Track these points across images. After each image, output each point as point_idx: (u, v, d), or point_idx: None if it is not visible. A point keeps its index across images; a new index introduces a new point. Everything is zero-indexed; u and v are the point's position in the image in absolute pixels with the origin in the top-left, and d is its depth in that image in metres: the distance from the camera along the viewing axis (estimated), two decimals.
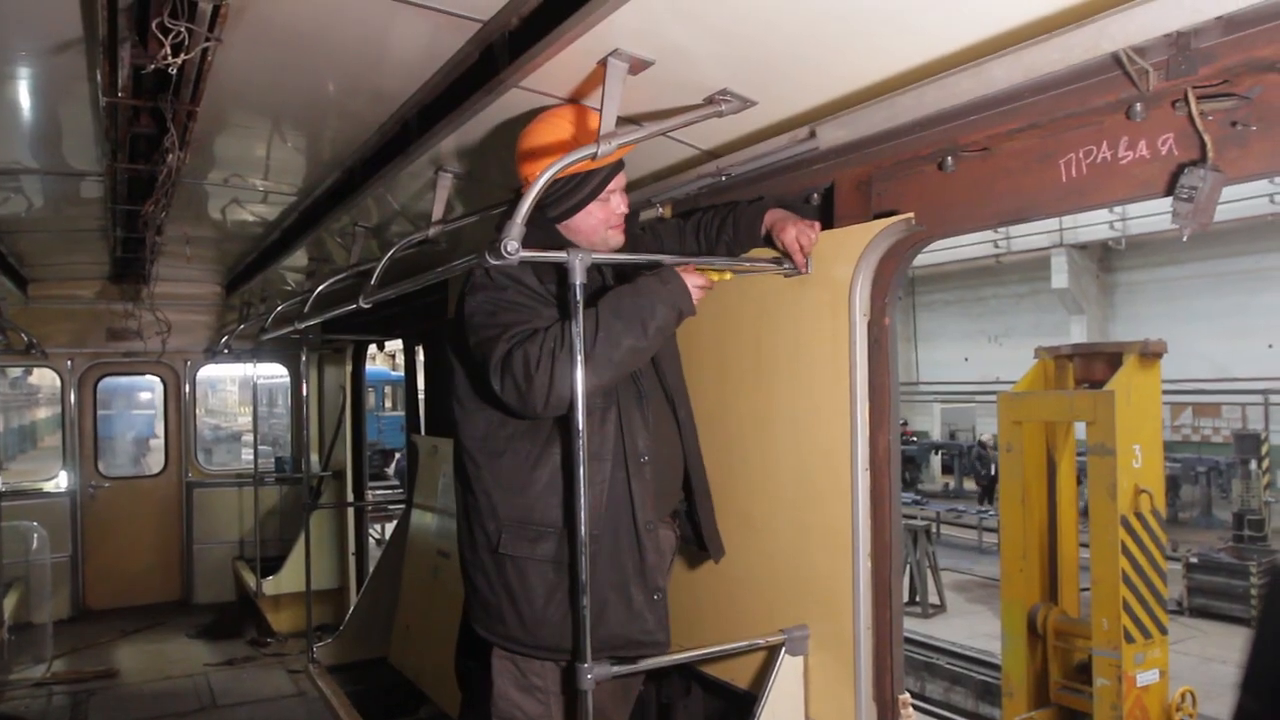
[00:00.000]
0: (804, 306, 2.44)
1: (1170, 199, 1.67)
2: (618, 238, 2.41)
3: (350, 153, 3.25)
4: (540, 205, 2.29)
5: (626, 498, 2.32)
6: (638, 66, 2.01)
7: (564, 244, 2.31)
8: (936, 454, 21.16)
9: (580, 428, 2.00)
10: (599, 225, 2.37)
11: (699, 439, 2.63)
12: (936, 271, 20.85)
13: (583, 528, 2.02)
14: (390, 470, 20.21)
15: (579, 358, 1.99)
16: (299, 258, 5.00)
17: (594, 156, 1.95)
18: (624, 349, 2.13)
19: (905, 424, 20.84)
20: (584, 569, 2.03)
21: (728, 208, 2.58)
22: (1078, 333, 18.31)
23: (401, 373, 19.86)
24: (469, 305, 2.25)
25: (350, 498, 7.49)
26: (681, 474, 2.57)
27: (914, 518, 13.45)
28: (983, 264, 20.24)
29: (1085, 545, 5.67)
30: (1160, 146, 1.72)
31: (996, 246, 19.21)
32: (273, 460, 9.16)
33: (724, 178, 2.60)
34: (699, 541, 2.63)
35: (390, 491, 16.67)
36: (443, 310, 4.88)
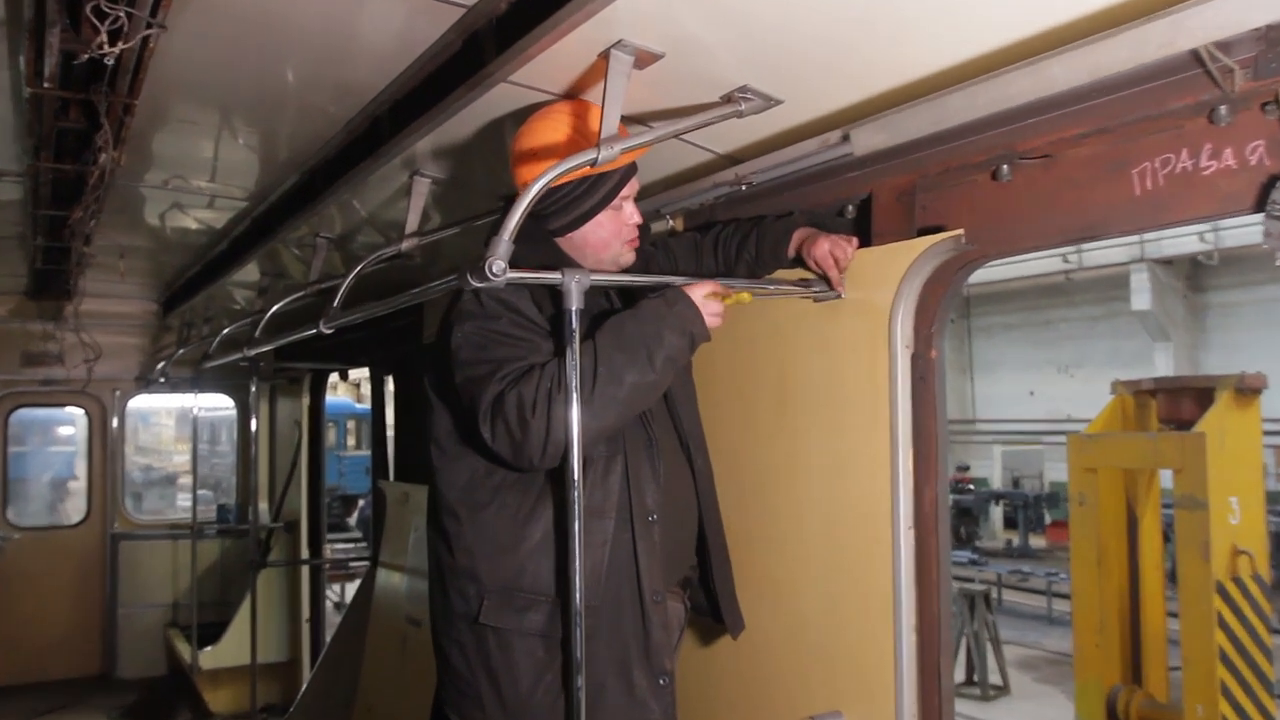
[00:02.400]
0: (837, 336, 2.46)
1: (1261, 215, 1.69)
2: (629, 255, 2.44)
3: (311, 153, 3.30)
4: (537, 216, 2.32)
5: (630, 563, 2.32)
6: (645, 59, 2.04)
7: (564, 262, 2.34)
8: (997, 505, 21.05)
9: (577, 479, 2.00)
10: (611, 239, 2.39)
11: (716, 491, 2.64)
12: (995, 290, 20.87)
13: (578, 596, 2.02)
14: (352, 521, 20.12)
15: (575, 398, 2.00)
16: (250, 272, 5.03)
17: (593, 162, 1.98)
18: (628, 386, 2.14)
19: (966, 469, 20.75)
20: (579, 645, 2.03)
21: (751, 223, 2.61)
22: (1162, 363, 18.27)
23: (368, 405, 19.91)
24: (456, 336, 2.26)
25: (305, 554, 7.49)
26: (695, 534, 2.58)
27: (970, 581, 13.34)
28: (1050, 281, 20.26)
29: (1174, 616, 5.64)
30: (1249, 155, 1.74)
31: (1066, 261, 19.24)
32: (214, 508, 9.17)
33: (744, 186, 2.63)
34: (714, 614, 2.63)
35: (352, 546, 16.62)
36: (417, 335, 4.91)
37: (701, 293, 2.24)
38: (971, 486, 20.65)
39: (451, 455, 2.40)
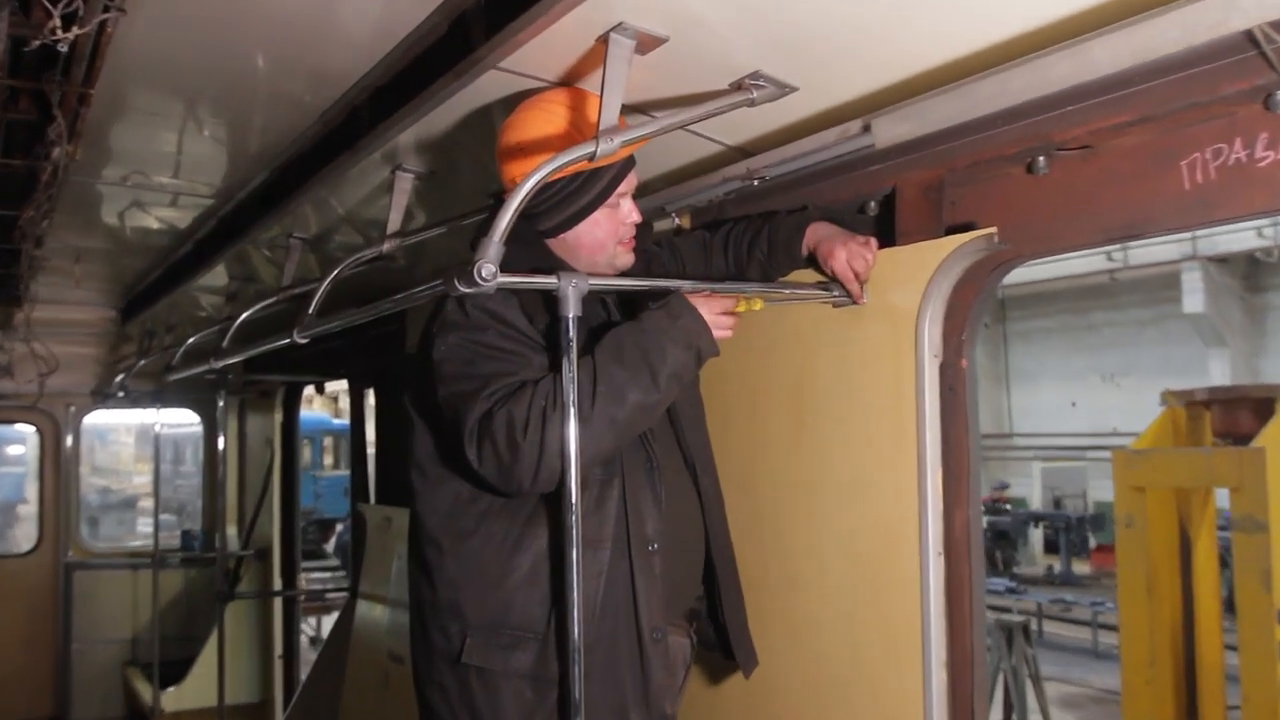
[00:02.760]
0: (858, 345, 2.46)
1: None
2: (627, 257, 2.45)
3: (284, 146, 3.31)
4: (526, 215, 2.33)
5: (628, 597, 2.32)
6: (648, 44, 2.05)
7: (557, 266, 2.34)
8: (1036, 527, 21.01)
9: (575, 502, 2.00)
10: (606, 239, 2.40)
11: (726, 515, 2.64)
12: (1033, 291, 20.88)
13: (575, 631, 2.01)
14: (330, 547, 20.16)
15: (573, 414, 2.00)
16: (217, 276, 5.05)
17: (591, 157, 1.99)
18: (630, 406, 2.14)
19: (1005, 488, 20.72)
20: (577, 684, 2.02)
21: (762, 219, 2.62)
22: (1218, 370, 18.25)
23: (346, 421, 19.92)
24: (439, 349, 2.26)
25: (278, 584, 7.49)
26: (702, 563, 2.58)
27: (1008, 611, 13.30)
28: (1093, 282, 20.27)
29: (1232, 649, 5.62)
30: None
31: (1110, 260, 19.25)
32: (178, 535, 9.18)
33: (756, 181, 2.63)
34: (724, 649, 2.63)
35: (329, 575, 16.63)
36: (399, 345, 4.92)
37: (709, 304, 2.26)
38: (1008, 507, 20.62)
39: (433, 479, 2.40)
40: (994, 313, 22.23)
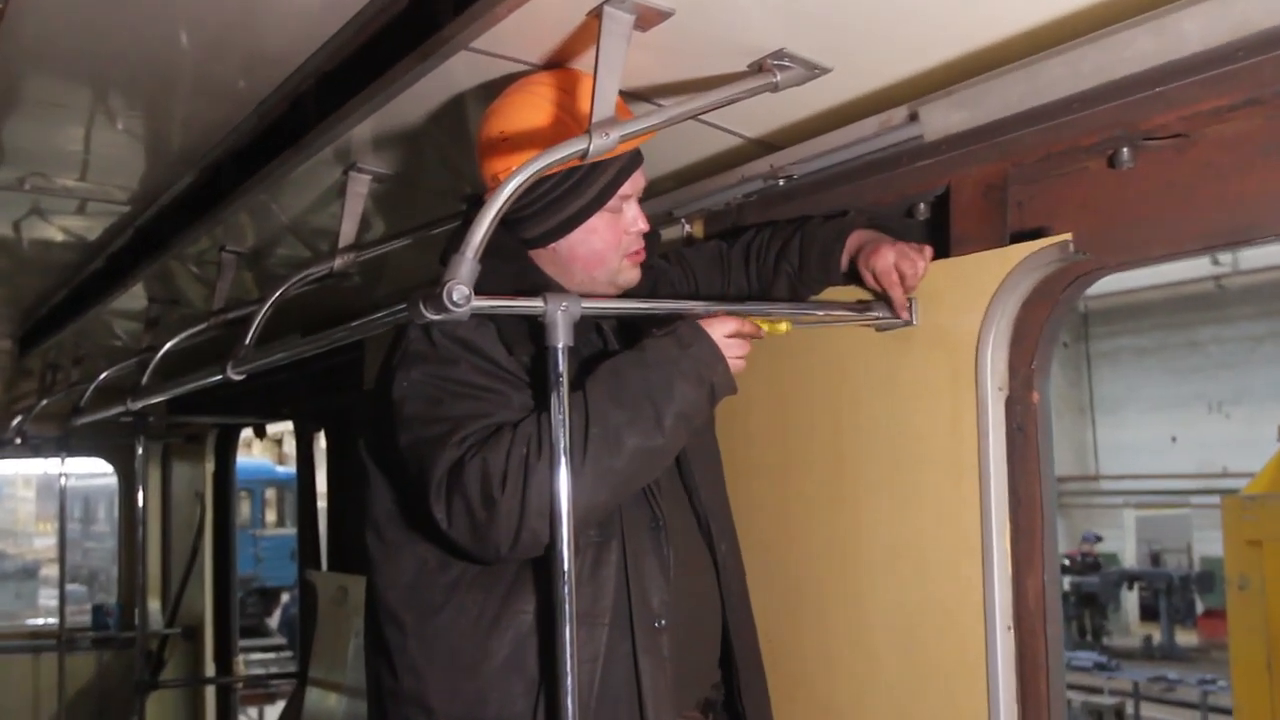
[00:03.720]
0: (907, 377, 2.47)
1: None
2: (632, 273, 2.45)
3: (213, 143, 3.33)
4: (507, 222, 2.33)
5: (630, 685, 2.30)
6: (650, 18, 2.06)
7: (544, 284, 2.35)
8: (1131, 588, 20.89)
9: (568, 569, 2.00)
10: (607, 251, 2.40)
11: (747, 584, 2.64)
12: (1121, 303, 20.86)
13: None
14: (273, 622, 20.11)
15: (564, 464, 2.00)
16: (134, 298, 5.06)
17: (584, 154, 1.99)
18: (629, 453, 2.13)
19: (1097, 540, 20.59)
20: None
21: (792, 227, 2.63)
22: None
23: (292, 469, 19.91)
24: (400, 386, 2.26)
25: (211, 669, 7.48)
26: (719, 643, 2.56)
27: (1097, 693, 13.23)
28: (1196, 290, 20.25)
29: None
30: None
31: (1216, 264, 19.24)
32: (89, 610, 9.15)
33: (781, 181, 2.65)
34: None
35: (274, 657, 16.56)
36: (356, 378, 4.93)
37: (724, 330, 2.25)
38: (1095, 559, 20.45)
39: (393, 543, 2.39)
40: (1074, 330, 22.20)
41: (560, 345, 1.99)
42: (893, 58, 2.27)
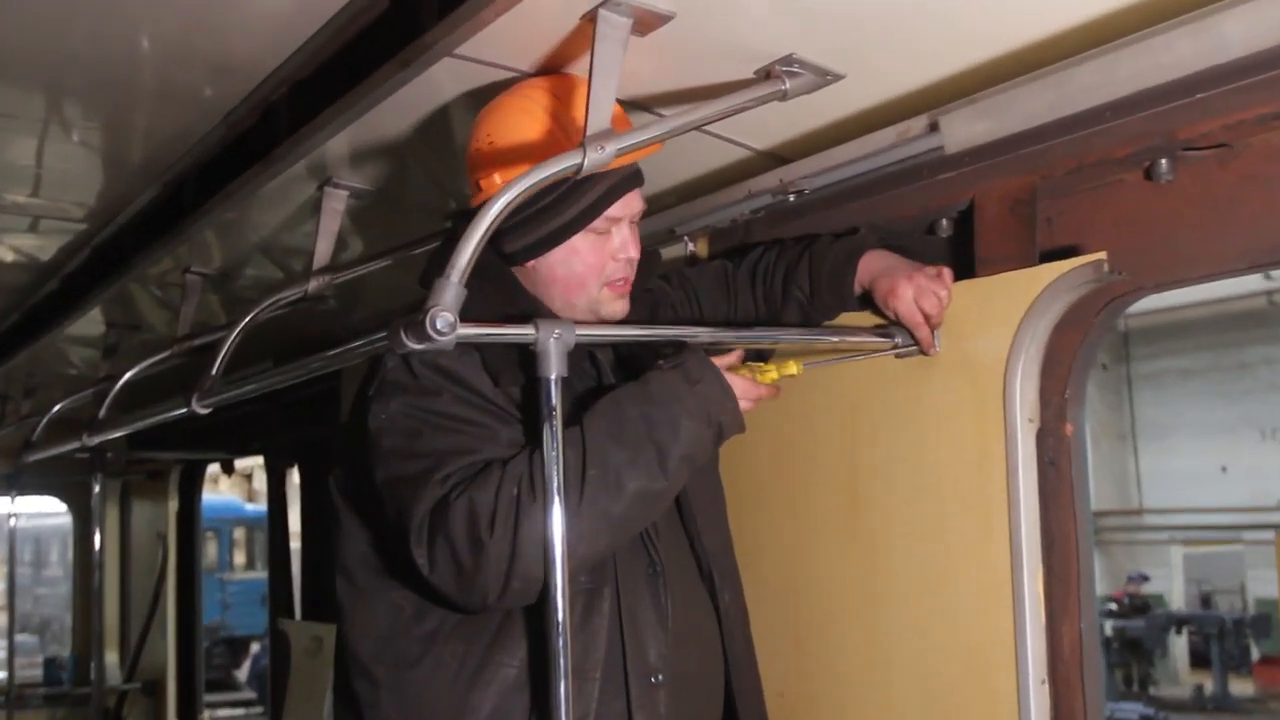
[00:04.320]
0: (930, 408, 2.47)
1: None
2: (615, 304, 2.43)
3: (177, 156, 3.34)
4: (494, 236, 2.34)
5: None
6: (648, 21, 2.07)
7: (529, 303, 2.35)
8: (1179, 633, 20.80)
9: (563, 619, 1.97)
10: (587, 277, 2.39)
11: (752, 635, 2.63)
12: (1165, 322, 20.82)
13: None
14: (242, 674, 20.00)
15: (556, 505, 1.99)
16: (91, 324, 5.07)
17: (577, 170, 2.00)
18: (629, 496, 2.12)
19: (1145, 580, 20.47)
20: None
21: (799, 246, 2.64)
22: None
23: (263, 506, 19.83)
24: (376, 418, 2.25)
25: None
26: (722, 700, 2.55)
27: None
28: (1246, 306, 20.21)
29: None
30: None
31: (1269, 278, 19.21)
32: (40, 663, 9.12)
33: (792, 196, 2.66)
34: None
35: (243, 713, 16.50)
36: (332, 409, 4.94)
37: (727, 363, 2.26)
38: (1142, 600, 20.32)
39: (366, 590, 2.39)
40: (1113, 351, 22.15)
41: (553, 376, 1.98)
42: (911, 63, 2.28)
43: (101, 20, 2.52)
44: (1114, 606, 19.07)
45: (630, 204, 2.39)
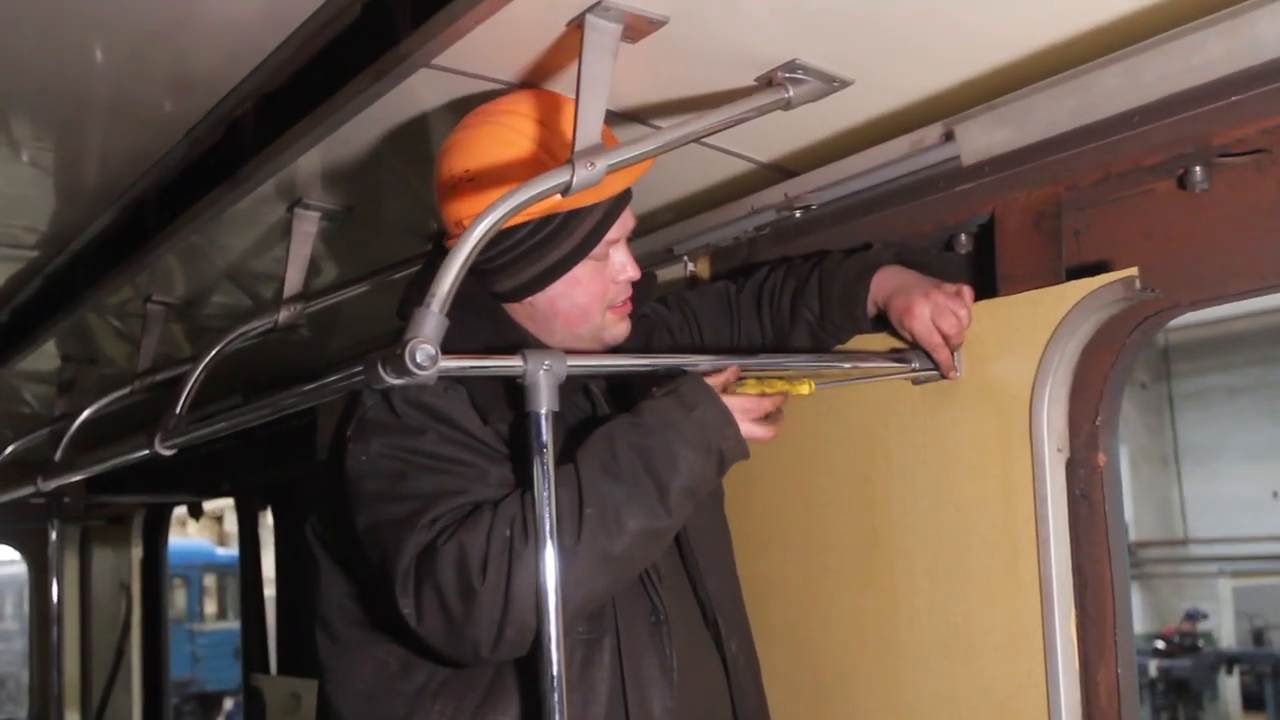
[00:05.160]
0: (950, 435, 2.48)
1: None
2: (619, 327, 2.45)
3: (136, 177, 3.34)
4: (477, 271, 2.33)
5: None
6: (640, 28, 2.09)
7: (521, 340, 2.36)
8: (1230, 673, 20.71)
9: (558, 674, 1.97)
10: (591, 305, 2.40)
11: (763, 683, 2.63)
12: (1209, 335, 20.81)
13: None
14: None
15: (549, 549, 1.98)
16: (45, 358, 5.06)
17: (565, 190, 2.00)
18: (630, 535, 2.12)
19: (1201, 617, 20.36)
20: None
21: (809, 264, 2.65)
22: None
23: (234, 551, 19.75)
24: (356, 460, 2.26)
25: None
26: None
27: None
28: None
29: None
30: None
31: None
32: None
33: (798, 211, 2.68)
34: None
35: None
36: (307, 447, 4.93)
37: (722, 381, 2.24)
38: (1192, 640, 20.23)
39: (347, 644, 2.39)
40: (1153, 369, 22.14)
41: (543, 411, 1.97)
42: (924, 68, 2.29)
43: (51, 29, 2.52)
44: (1160, 644, 18.96)
45: (626, 223, 2.41)
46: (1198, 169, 2.14)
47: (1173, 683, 18.68)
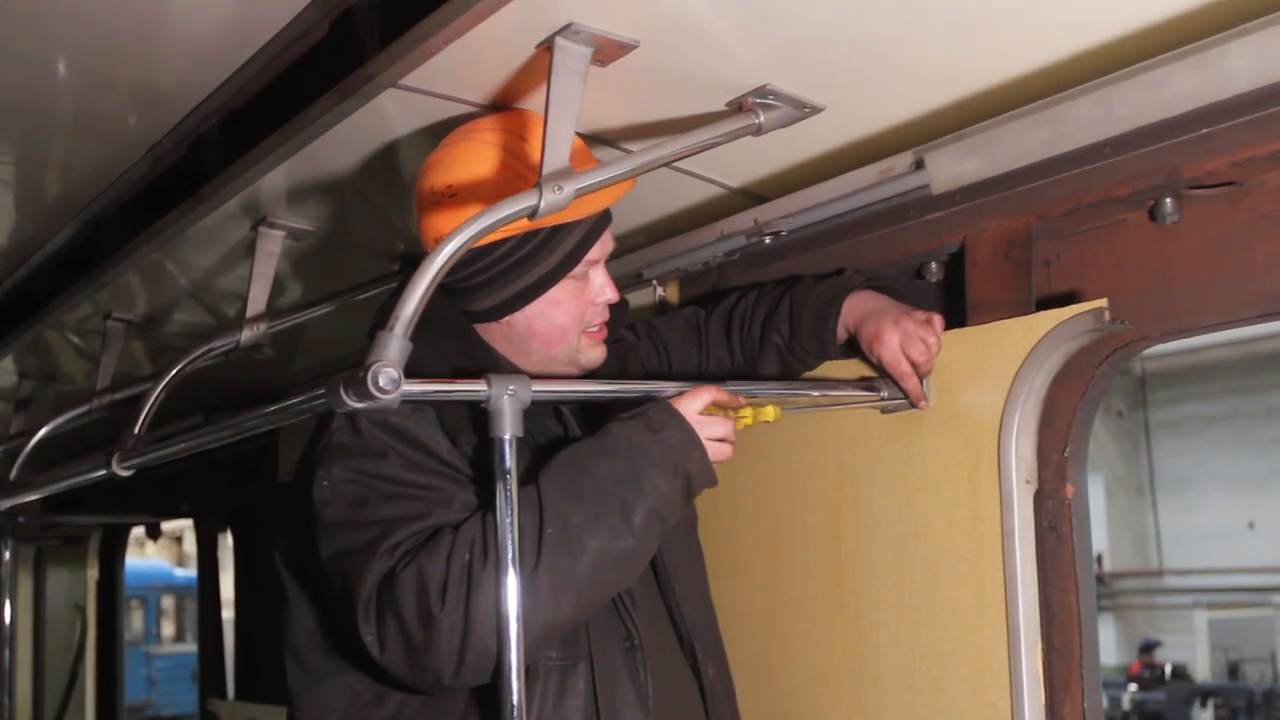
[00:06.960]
0: (918, 466, 2.49)
1: None
2: (595, 351, 2.46)
3: (97, 192, 3.35)
4: (448, 290, 2.35)
5: None
6: (610, 51, 2.10)
7: (490, 363, 2.36)
8: (1204, 706, 20.71)
9: (518, 703, 1.96)
10: (569, 326, 2.41)
11: (739, 711, 2.63)
12: (1185, 364, 20.90)
13: None
14: None
15: (513, 573, 1.98)
16: (1, 374, 5.05)
17: (532, 213, 2.01)
18: (592, 557, 2.10)
19: (1154, 647, 20.41)
20: None
21: (780, 288, 2.66)
22: None
23: (193, 572, 19.59)
24: (319, 486, 2.24)
25: None
26: None
27: None
28: (1273, 348, 20.29)
29: None
30: None
31: None
32: None
33: (768, 237, 2.69)
34: None
35: None
36: (268, 468, 4.91)
37: (698, 405, 2.24)
38: (1163, 672, 20.25)
39: (316, 672, 2.38)
40: (1129, 397, 22.22)
41: (507, 436, 1.97)
42: (894, 96, 2.31)
43: (12, 42, 2.52)
44: (1133, 687, 18.98)
45: (606, 244, 2.43)
46: (1168, 200, 2.16)
47: (1146, 715, 18.68)
